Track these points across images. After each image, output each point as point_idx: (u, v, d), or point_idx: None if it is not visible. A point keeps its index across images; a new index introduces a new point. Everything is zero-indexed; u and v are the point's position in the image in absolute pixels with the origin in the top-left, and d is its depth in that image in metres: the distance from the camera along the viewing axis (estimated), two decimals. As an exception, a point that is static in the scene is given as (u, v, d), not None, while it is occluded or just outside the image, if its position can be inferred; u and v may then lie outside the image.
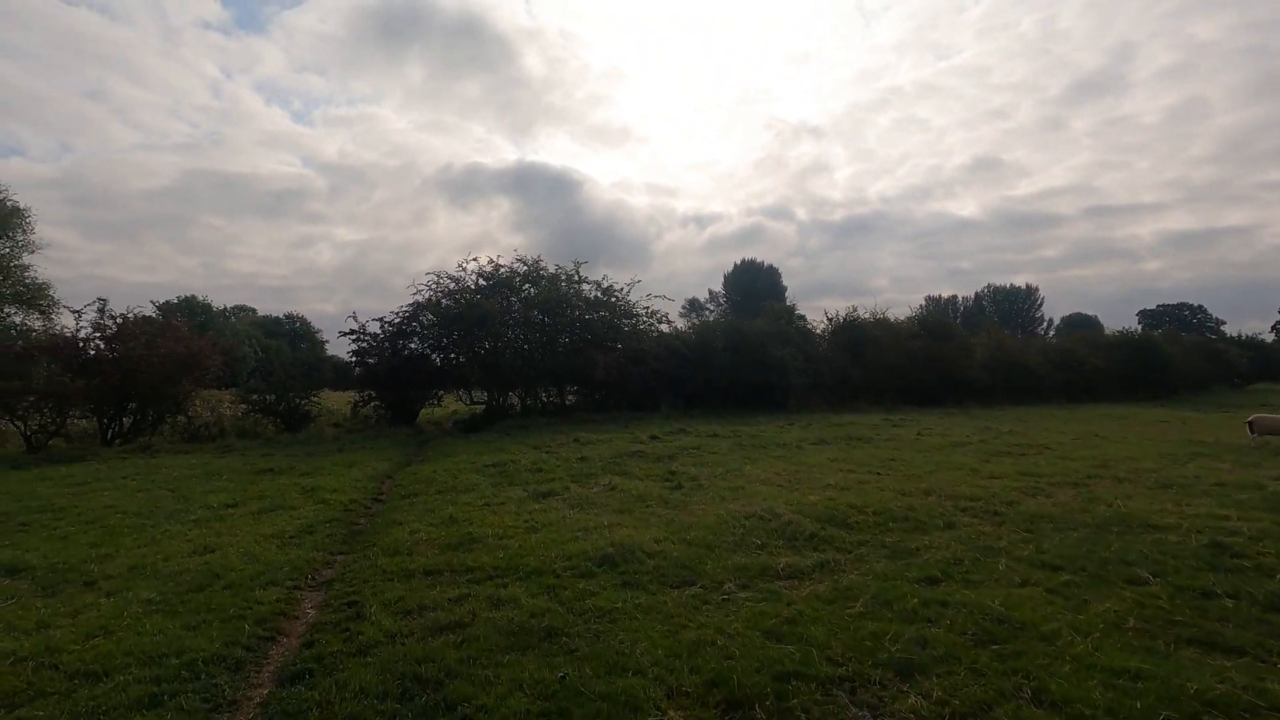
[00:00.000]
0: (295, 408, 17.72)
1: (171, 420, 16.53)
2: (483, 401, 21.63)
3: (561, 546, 6.14)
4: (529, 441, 14.52)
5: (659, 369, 21.64)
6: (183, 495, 9.23)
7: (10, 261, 31.56)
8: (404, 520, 7.50)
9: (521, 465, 11.10)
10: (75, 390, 14.65)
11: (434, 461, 12.13)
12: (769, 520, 6.89)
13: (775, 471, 10.44)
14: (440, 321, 20.24)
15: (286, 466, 11.55)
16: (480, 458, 12.12)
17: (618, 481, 9.52)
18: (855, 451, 12.85)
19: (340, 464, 11.86)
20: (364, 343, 19.55)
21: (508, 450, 13.19)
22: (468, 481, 9.83)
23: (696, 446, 13.40)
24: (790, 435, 15.64)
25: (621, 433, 16.10)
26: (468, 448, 13.84)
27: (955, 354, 28.99)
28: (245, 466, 11.69)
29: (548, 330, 21.65)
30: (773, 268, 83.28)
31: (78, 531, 7.39)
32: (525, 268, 22.15)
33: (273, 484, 9.96)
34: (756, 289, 74.87)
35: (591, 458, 11.81)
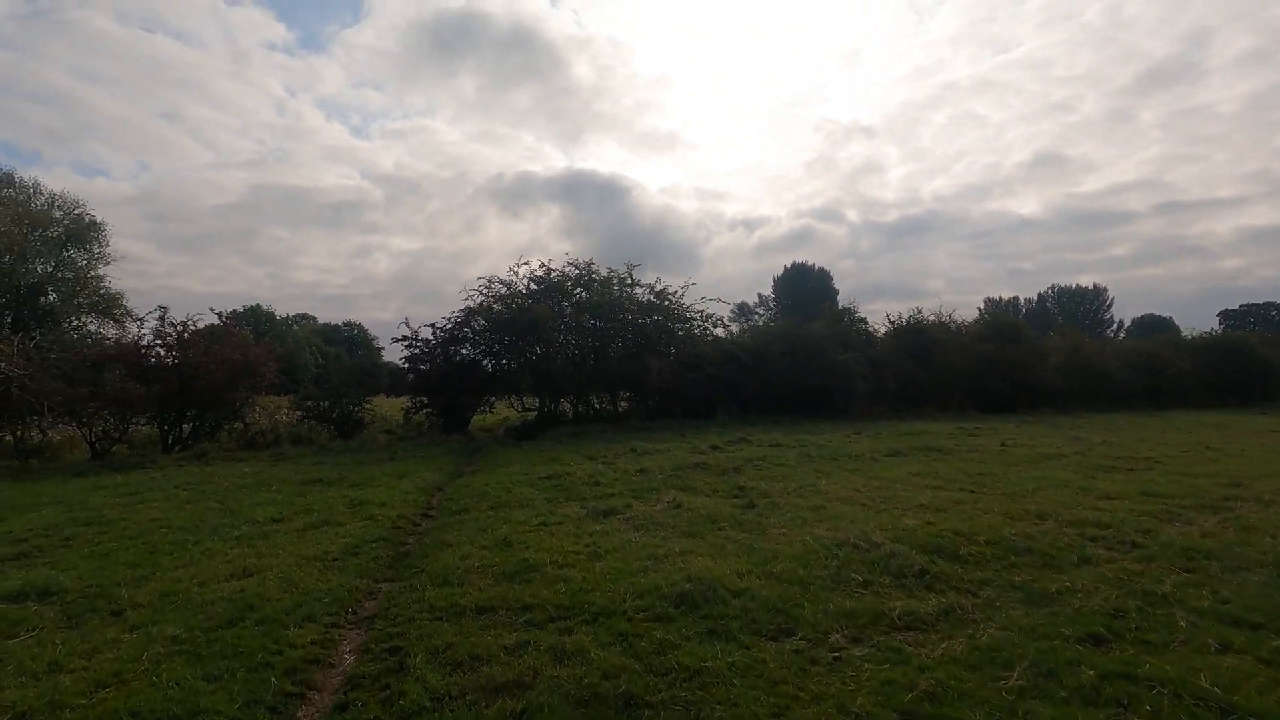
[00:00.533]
0: (348, 414, 17.48)
1: (229, 427, 16.47)
2: (534, 408, 21.10)
3: (630, 579, 5.34)
4: (583, 451, 13.81)
5: (715, 374, 20.71)
6: (230, 508, 8.80)
7: (87, 273, 32.77)
8: (454, 541, 6.83)
9: (578, 478, 10.37)
10: (137, 397, 14.65)
11: (486, 472, 11.52)
12: (865, 549, 5.94)
13: (854, 488, 9.43)
14: (492, 327, 19.80)
15: (336, 477, 11.10)
16: (534, 469, 11.45)
17: (683, 498, 8.68)
18: (938, 465, 11.69)
19: (390, 474, 11.36)
20: (417, 349, 19.26)
21: (562, 460, 12.51)
22: (522, 496, 9.15)
23: (761, 458, 12.46)
24: (860, 445, 14.53)
25: (679, 442, 15.25)
26: (520, 457, 13.21)
27: (1027, 358, 27.16)
28: (295, 476, 11.31)
29: (600, 335, 21.01)
30: (824, 270, 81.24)
31: (119, 548, 6.96)
32: (577, 271, 21.58)
33: (321, 496, 9.47)
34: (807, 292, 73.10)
35: (651, 470, 11.01)
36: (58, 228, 31.79)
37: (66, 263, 32.17)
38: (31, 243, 30.77)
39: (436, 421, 18.77)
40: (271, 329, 68.58)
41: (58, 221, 31.92)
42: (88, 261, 32.75)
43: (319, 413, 17.29)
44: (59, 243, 31.88)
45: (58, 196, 32.44)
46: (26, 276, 30.60)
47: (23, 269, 30.28)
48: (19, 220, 30.42)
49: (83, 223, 32.44)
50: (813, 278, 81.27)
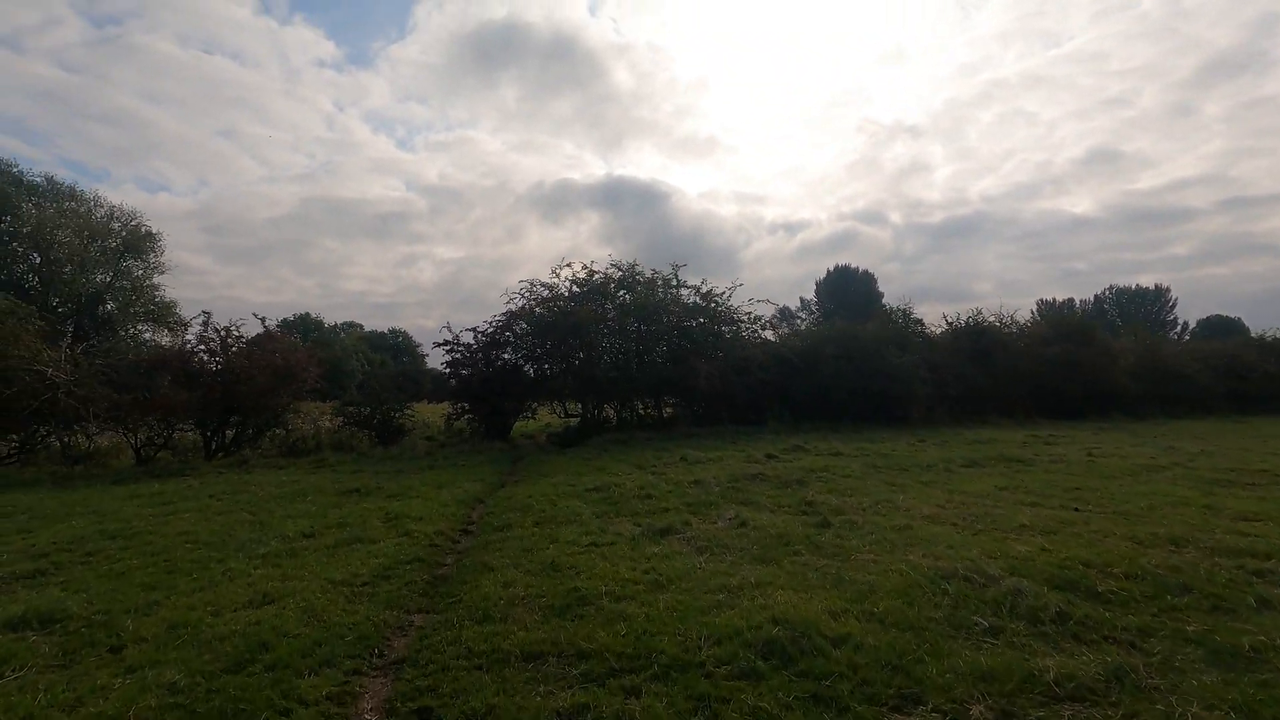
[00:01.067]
0: (389, 421, 17.03)
1: (271, 433, 16.16)
2: (577, 414, 20.39)
3: (702, 618, 4.47)
4: (630, 459, 12.98)
5: (765, 379, 19.70)
6: (261, 520, 8.22)
7: (143, 282, 33.49)
8: (496, 564, 6.05)
9: (627, 490, 9.53)
10: (180, 403, 14.41)
11: (529, 482, 10.78)
12: (980, 583, 4.94)
13: (937, 504, 8.37)
14: (534, 330, 19.17)
15: (374, 486, 10.50)
16: (580, 479, 10.66)
17: (746, 514, 7.76)
18: (1023, 477, 10.50)
19: (429, 484, 10.71)
20: (458, 354, 18.75)
21: (609, 470, 11.70)
22: (568, 510, 8.35)
23: (824, 468, 11.43)
24: (928, 454, 13.37)
25: (731, 449, 14.31)
26: (565, 466, 12.45)
27: (1098, 360, 25.36)
28: (332, 486, 10.74)
29: (644, 338, 20.22)
30: (868, 273, 79.12)
31: (139, 566, 6.39)
32: (620, 273, 20.82)
33: (356, 508, 8.84)
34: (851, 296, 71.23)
35: (706, 481, 10.10)
36: (116, 239, 32.58)
37: (124, 272, 32.94)
38: (91, 254, 31.55)
39: (478, 428, 18.20)
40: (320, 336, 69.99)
41: (116, 233, 32.72)
42: (144, 271, 33.51)
43: (360, 419, 16.88)
44: (117, 253, 32.64)
45: (116, 208, 33.30)
46: (87, 286, 31.36)
47: (83, 279, 31.05)
48: (80, 232, 31.22)
49: (139, 233, 33.18)
50: (856, 281, 79.27)
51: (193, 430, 15.66)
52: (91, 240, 31.53)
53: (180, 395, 14.32)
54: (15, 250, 29.39)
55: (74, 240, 30.64)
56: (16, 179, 29.92)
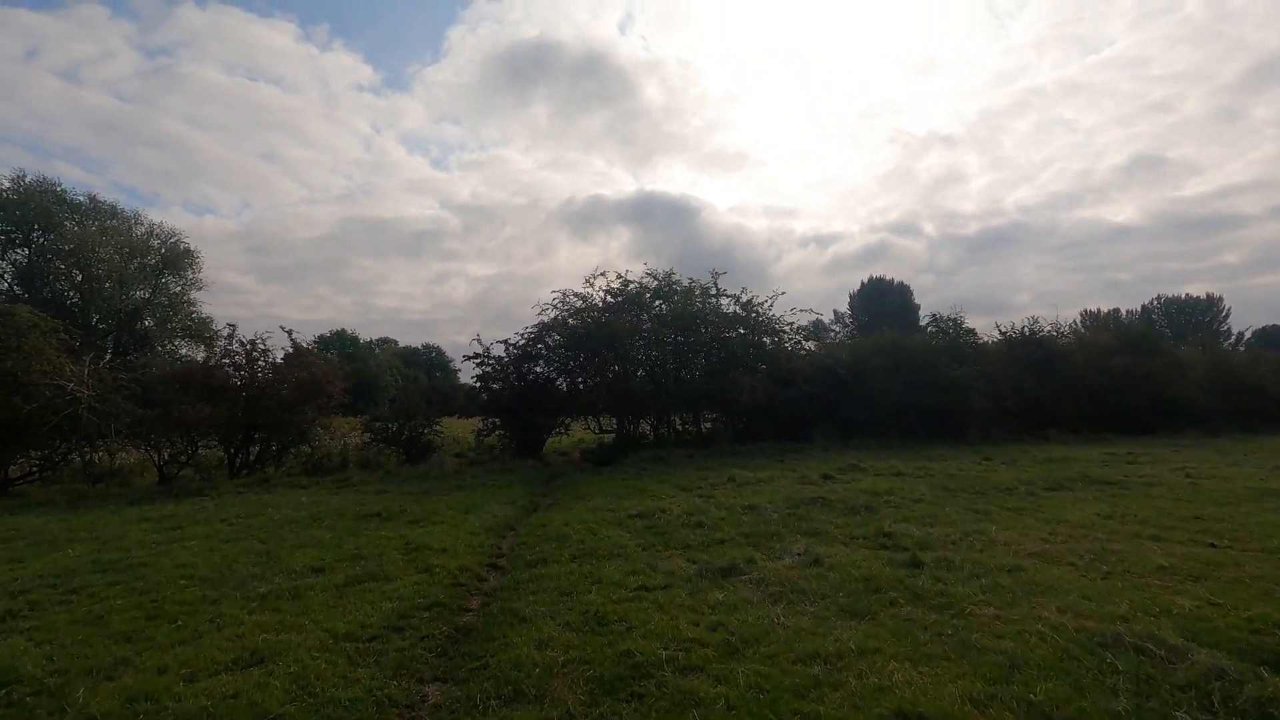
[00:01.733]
0: (417, 437, 16.22)
1: (295, 450, 15.45)
2: (612, 429, 19.37)
3: (798, 705, 3.37)
4: (673, 479, 11.89)
5: (811, 392, 18.46)
6: (269, 551, 7.33)
7: (181, 298, 33.58)
8: (529, 614, 5.02)
9: (675, 517, 8.44)
10: (201, 419, 13.78)
11: (565, 506, 9.75)
12: (1161, 657, 3.75)
13: (1040, 537, 7.12)
14: (566, 342, 18.26)
15: (396, 510, 9.58)
16: (621, 503, 9.61)
17: (818, 549, 6.62)
18: (1125, 503, 9.15)
19: (456, 507, 9.75)
20: (488, 366, 17.92)
21: (651, 491, 10.63)
22: (610, 541, 7.29)
23: (889, 490, 10.20)
24: (1000, 475, 12.03)
25: (781, 469, 13.13)
26: (602, 487, 11.41)
27: (1165, 371, 23.53)
28: (353, 508, 9.86)
29: (681, 350, 19.16)
30: (903, 285, 76.99)
31: (121, 608, 5.52)
32: (656, 282, 19.84)
33: (374, 537, 7.90)
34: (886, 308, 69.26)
35: (761, 506, 8.97)
36: (155, 255, 32.74)
37: (162, 288, 33.07)
38: (131, 270, 31.73)
39: (509, 444, 17.29)
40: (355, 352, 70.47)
41: (155, 250, 32.90)
42: (182, 288, 33.61)
43: (387, 435, 16.10)
44: (156, 270, 32.80)
45: (155, 226, 33.52)
46: (126, 303, 31.50)
47: (122, 295, 31.19)
48: (120, 249, 31.42)
49: (178, 250, 33.33)
50: (892, 293, 77.25)
51: (216, 447, 15.04)
52: (131, 257, 31.73)
53: (203, 411, 13.69)
54: (58, 267, 29.63)
55: (114, 257, 30.82)
56: (59, 198, 30.24)
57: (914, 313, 70.17)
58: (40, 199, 29.31)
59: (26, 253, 29.53)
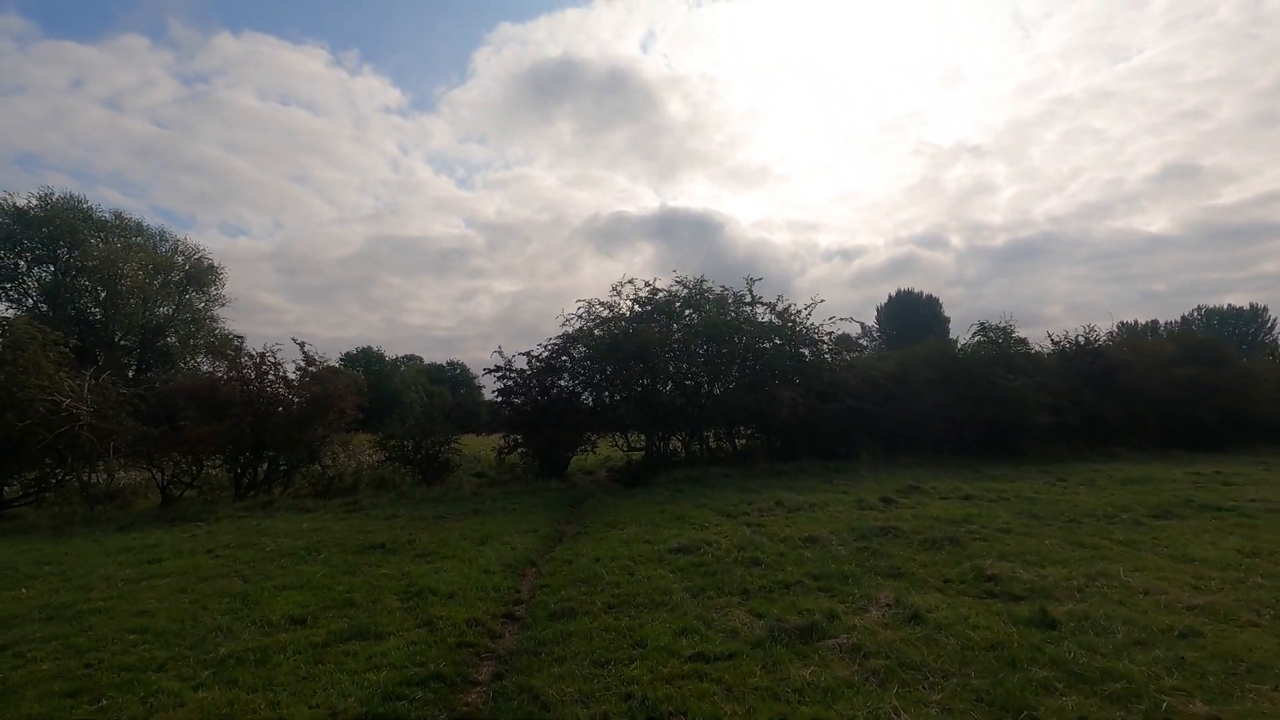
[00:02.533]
0: (434, 455, 15.08)
1: (305, 470, 14.41)
2: (640, 446, 18.08)
3: None
4: (714, 504, 10.54)
5: (855, 406, 17.00)
6: (248, 593, 6.16)
7: (204, 314, 33.19)
8: (553, 699, 3.75)
9: (724, 551, 7.12)
10: (205, 436, 12.80)
11: (595, 536, 8.46)
12: None
13: (1184, 582, 5.69)
14: (592, 354, 17.06)
15: (404, 540, 8.38)
16: (658, 532, 8.30)
17: (911, 599, 5.29)
18: (1260, 534, 7.65)
19: (471, 536, 8.53)
20: (510, 380, 16.77)
21: (691, 518, 9.31)
22: (651, 584, 6.00)
23: (965, 519, 8.78)
24: (1086, 499, 10.53)
25: (831, 491, 11.73)
26: (635, 512, 10.09)
27: (1237, 383, 21.69)
28: (356, 538, 8.67)
29: (714, 362, 17.84)
30: (932, 298, 74.79)
31: (46, 675, 4.39)
32: (686, 290, 18.60)
33: (373, 575, 6.69)
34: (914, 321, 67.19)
35: (824, 538, 7.61)
36: (179, 272, 32.42)
37: (186, 305, 32.70)
38: (155, 287, 31.40)
39: (531, 463, 16.08)
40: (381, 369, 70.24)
41: (179, 266, 32.59)
42: (205, 304, 33.24)
43: (402, 454, 14.99)
44: (180, 286, 32.46)
45: (180, 242, 33.32)
46: (150, 319, 31.13)
47: (146, 312, 30.82)
48: (145, 266, 31.13)
49: (201, 266, 33.02)
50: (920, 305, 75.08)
51: (221, 467, 14.05)
52: (156, 274, 31.44)
53: (204, 428, 12.71)
54: (82, 284, 29.36)
55: (138, 274, 30.54)
56: (85, 214, 30.10)
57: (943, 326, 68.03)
58: (67, 216, 29.15)
59: (52, 269, 29.32)
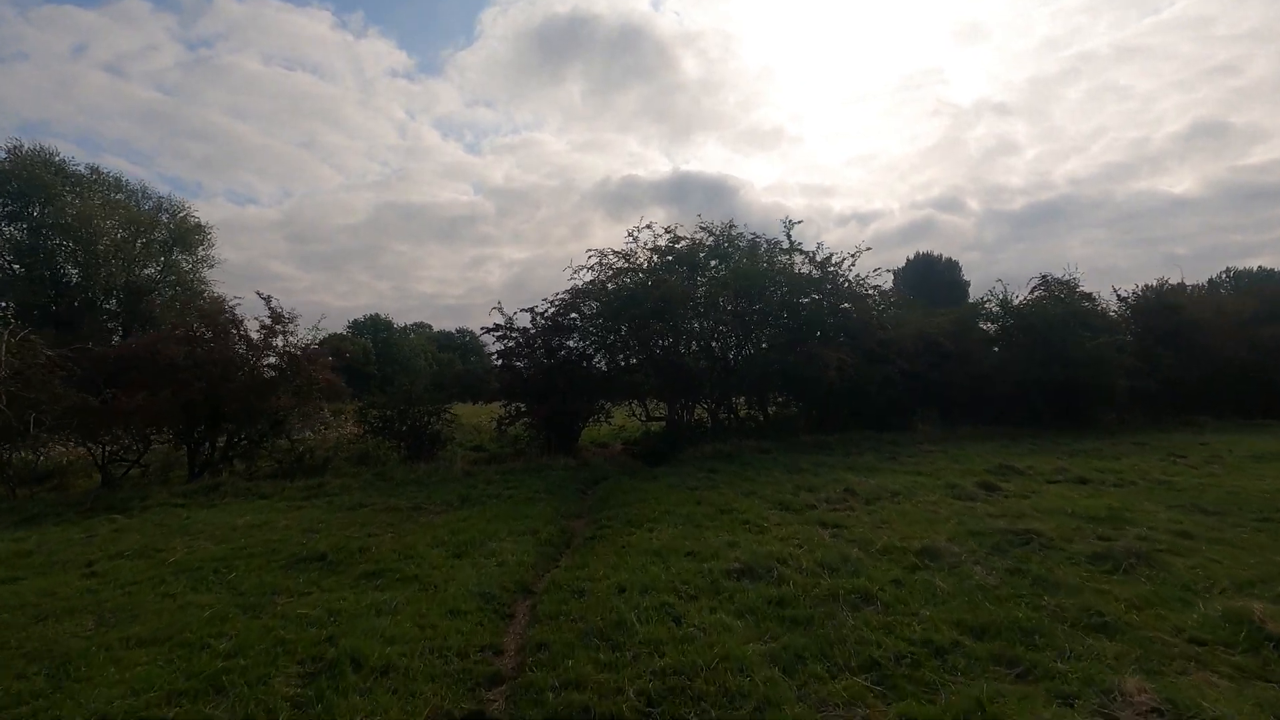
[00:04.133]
0: (421, 428, 12.77)
1: (269, 445, 12.16)
2: (661, 416, 15.75)
3: None
4: (764, 491, 8.16)
5: (909, 370, 14.53)
6: (87, 653, 3.89)
7: (192, 276, 30.92)
8: None
9: (808, 576, 4.77)
10: (144, 407, 10.55)
11: (616, 542, 6.11)
12: None
13: None
14: (605, 311, 14.61)
15: (355, 547, 6.08)
16: (705, 538, 5.94)
17: (1177, 690, 2.89)
18: None
19: (448, 542, 6.22)
20: (511, 340, 14.39)
21: (740, 512, 6.96)
22: (712, 647, 3.65)
23: (1111, 515, 6.44)
24: (1240, 482, 8.14)
25: (901, 471, 9.39)
26: (666, 503, 7.72)
27: (1331, 342, 18.95)
28: (293, 544, 6.39)
29: (744, 320, 15.35)
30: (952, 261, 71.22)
31: None
32: (712, 238, 16.04)
33: (282, 621, 4.38)
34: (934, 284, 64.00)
35: (944, 550, 5.26)
36: (163, 230, 30.06)
37: (172, 266, 30.40)
38: (138, 248, 29.07)
39: (536, 436, 13.79)
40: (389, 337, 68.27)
41: (164, 224, 30.22)
42: (192, 265, 30.92)
43: (383, 426, 12.68)
44: (165, 246, 30.13)
45: (164, 199, 30.94)
46: (133, 281, 28.88)
47: (128, 274, 28.55)
48: (126, 224, 28.76)
49: (187, 225, 30.66)
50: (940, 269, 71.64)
51: (169, 443, 11.82)
52: (138, 233, 29.06)
53: (141, 397, 10.44)
54: (57, 243, 27.04)
55: (118, 232, 28.17)
56: (59, 168, 27.65)
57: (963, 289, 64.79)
58: (37, 170, 26.68)
59: (25, 228, 26.99)
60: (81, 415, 10.73)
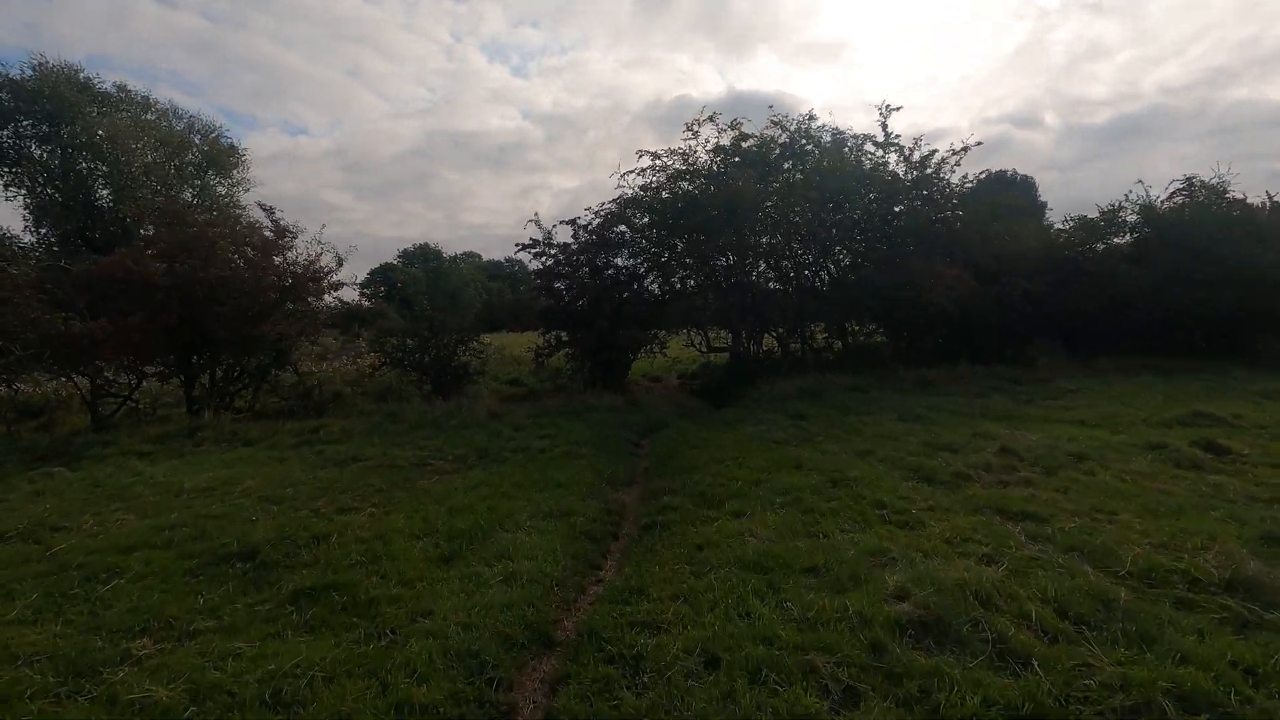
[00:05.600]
0: (446, 360, 10.84)
1: (274, 379, 10.45)
2: (724, 347, 13.46)
3: None
4: (881, 448, 5.85)
5: (1031, 291, 11.70)
6: None
7: (229, 201, 29.50)
8: None
9: (1039, 634, 2.51)
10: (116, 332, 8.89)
11: (685, 535, 3.99)
12: None
13: None
14: (660, 221, 12.14)
15: (309, 537, 4.14)
16: (821, 530, 3.73)
17: None
18: None
19: (442, 532, 4.23)
20: (549, 259, 12.14)
21: (859, 481, 4.72)
22: None
23: None
24: None
25: (1054, 419, 6.98)
26: (746, 464, 5.52)
27: None
28: (228, 527, 4.52)
29: (821, 232, 12.60)
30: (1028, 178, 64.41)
31: None
32: (786, 134, 13.13)
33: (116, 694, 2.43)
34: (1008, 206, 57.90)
35: (1262, 584, 2.89)
36: (197, 152, 28.47)
37: (208, 190, 28.95)
38: (171, 171, 27.63)
39: (579, 369, 11.73)
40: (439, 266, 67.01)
41: (197, 146, 28.60)
42: (228, 189, 29.42)
43: (403, 357, 10.79)
44: (199, 169, 28.61)
45: (194, 118, 29.14)
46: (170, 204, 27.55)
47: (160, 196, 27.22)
48: (159, 147, 27.23)
49: (220, 147, 28.95)
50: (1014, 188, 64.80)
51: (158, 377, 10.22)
52: (171, 155, 27.53)
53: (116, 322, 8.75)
54: (89, 167, 25.75)
55: (149, 154, 26.67)
56: (84, 85, 26.02)
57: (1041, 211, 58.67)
58: (64, 89, 25.12)
59: (57, 151, 25.73)
60: (56, 344, 9.16)
